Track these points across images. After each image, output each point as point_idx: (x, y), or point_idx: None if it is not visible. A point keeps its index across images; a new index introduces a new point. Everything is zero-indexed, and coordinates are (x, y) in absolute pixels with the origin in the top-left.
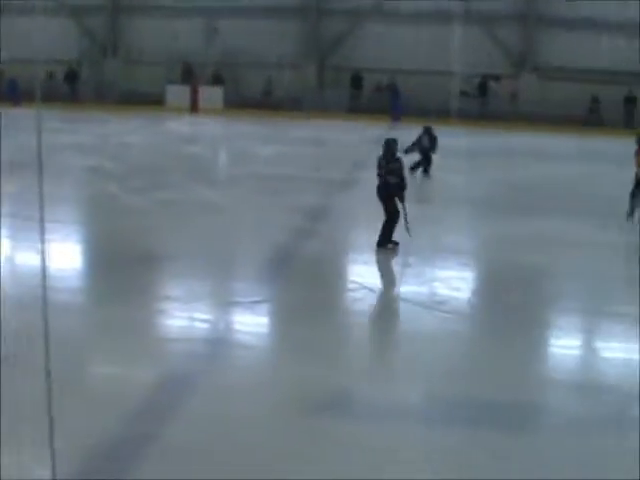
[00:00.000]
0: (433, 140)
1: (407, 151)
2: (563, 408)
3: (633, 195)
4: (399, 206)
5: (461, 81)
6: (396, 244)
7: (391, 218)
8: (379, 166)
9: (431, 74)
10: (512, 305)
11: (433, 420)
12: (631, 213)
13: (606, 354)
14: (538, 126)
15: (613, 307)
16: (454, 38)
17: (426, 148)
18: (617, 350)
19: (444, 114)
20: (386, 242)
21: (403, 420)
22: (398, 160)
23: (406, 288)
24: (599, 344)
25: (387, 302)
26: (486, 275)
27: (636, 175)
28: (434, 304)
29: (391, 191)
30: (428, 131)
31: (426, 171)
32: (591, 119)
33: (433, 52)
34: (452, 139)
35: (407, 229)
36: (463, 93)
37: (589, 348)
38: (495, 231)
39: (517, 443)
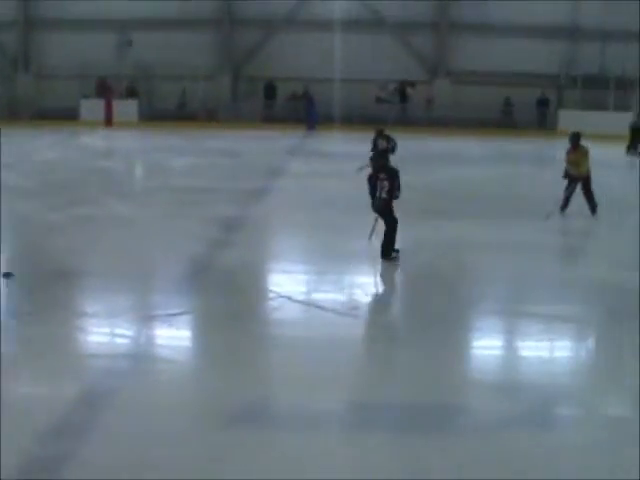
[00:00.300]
0: (390, 141)
1: (372, 158)
2: (483, 408)
3: (568, 191)
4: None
5: (377, 88)
6: (397, 252)
7: (393, 227)
8: (377, 180)
9: (346, 82)
10: (430, 308)
11: (353, 426)
12: (564, 206)
13: (525, 353)
14: (453, 130)
15: (532, 307)
16: (368, 46)
17: (383, 151)
18: (535, 349)
19: (359, 121)
20: (390, 251)
21: (322, 427)
22: (398, 173)
23: (323, 295)
24: (518, 344)
25: (305, 310)
26: (403, 279)
27: (566, 171)
28: (350, 310)
29: (390, 204)
30: (381, 133)
31: None
32: (505, 121)
33: (347, 60)
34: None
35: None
36: (379, 100)
37: (508, 349)
38: (414, 235)
39: (439, 445)
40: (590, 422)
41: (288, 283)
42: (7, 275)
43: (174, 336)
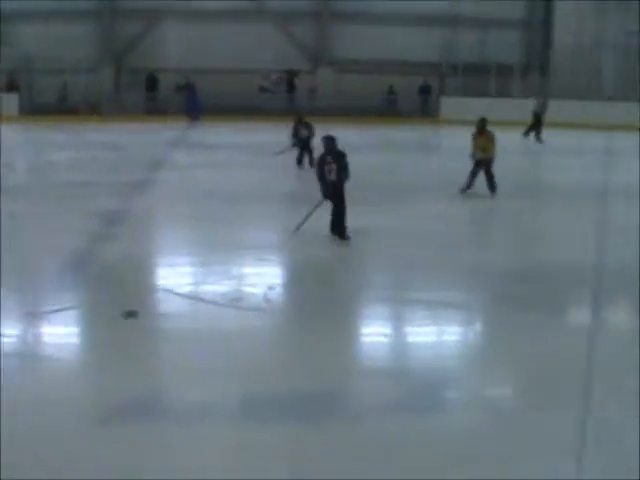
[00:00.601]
0: (310, 129)
1: (294, 145)
2: (371, 394)
3: (473, 174)
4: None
5: (260, 78)
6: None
7: (343, 211)
8: (340, 160)
9: (229, 72)
10: (316, 297)
11: (242, 417)
12: (467, 188)
13: (412, 339)
14: (337, 119)
15: (418, 294)
16: (250, 35)
17: (304, 138)
18: (422, 335)
19: (244, 111)
20: (345, 232)
21: (211, 419)
22: (346, 156)
23: (207, 287)
24: (405, 330)
25: (189, 303)
26: (285, 269)
27: (473, 155)
28: (232, 301)
29: (341, 187)
30: (301, 121)
31: (312, 162)
32: (388, 109)
33: (230, 50)
34: (256, 135)
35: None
36: (262, 89)
37: (396, 335)
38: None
39: (330, 433)
40: (475, 405)
41: (172, 276)
42: (131, 314)
43: (59, 333)
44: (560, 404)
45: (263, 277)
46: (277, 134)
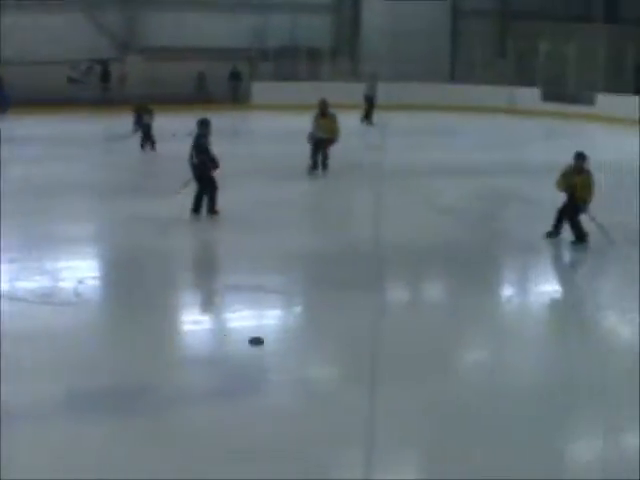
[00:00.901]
0: (152, 115)
1: (136, 131)
2: (191, 384)
3: (314, 153)
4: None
5: (68, 68)
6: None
7: (211, 190)
8: (198, 146)
9: (38, 64)
10: (129, 288)
11: (59, 416)
12: (314, 168)
13: (231, 325)
14: (150, 107)
15: (238, 280)
16: (57, 25)
17: (147, 125)
18: (242, 320)
19: (55, 103)
20: (214, 208)
21: (40, 419)
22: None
23: (17, 284)
24: (225, 316)
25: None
26: (102, 261)
27: (312, 135)
28: (42, 298)
29: (209, 167)
30: (143, 108)
31: (153, 147)
32: (199, 96)
33: (38, 41)
34: (70, 127)
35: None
36: (71, 80)
37: (215, 322)
38: (121, 214)
39: (148, 425)
40: (293, 387)
41: None
42: (256, 341)
43: None
44: (377, 381)
45: (75, 271)
46: (92, 125)
